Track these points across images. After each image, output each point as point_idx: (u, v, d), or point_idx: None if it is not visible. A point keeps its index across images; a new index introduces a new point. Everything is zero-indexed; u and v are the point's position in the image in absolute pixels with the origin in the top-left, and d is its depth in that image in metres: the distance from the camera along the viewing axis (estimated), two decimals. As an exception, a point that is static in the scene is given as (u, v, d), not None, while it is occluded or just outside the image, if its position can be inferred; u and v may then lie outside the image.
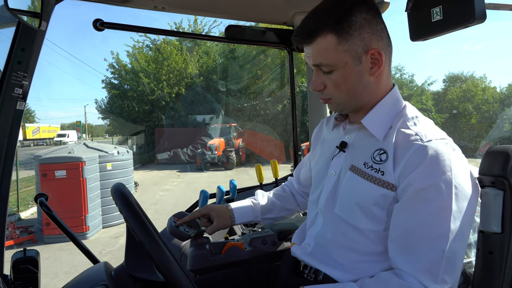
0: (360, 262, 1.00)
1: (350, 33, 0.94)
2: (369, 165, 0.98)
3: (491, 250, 0.94)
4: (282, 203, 1.44)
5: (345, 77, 0.97)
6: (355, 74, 0.97)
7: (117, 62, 22.28)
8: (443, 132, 0.97)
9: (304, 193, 1.45)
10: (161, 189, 11.88)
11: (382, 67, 0.98)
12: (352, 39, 0.94)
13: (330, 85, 1.00)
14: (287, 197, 1.46)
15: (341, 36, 0.94)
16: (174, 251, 1.65)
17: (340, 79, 0.98)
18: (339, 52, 0.95)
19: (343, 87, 0.99)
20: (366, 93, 1.01)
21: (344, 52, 0.95)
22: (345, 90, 0.99)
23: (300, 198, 1.46)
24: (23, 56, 1.23)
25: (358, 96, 1.01)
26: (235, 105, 21.59)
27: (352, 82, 0.98)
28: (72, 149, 6.86)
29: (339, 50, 0.95)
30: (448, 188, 0.86)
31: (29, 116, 53.02)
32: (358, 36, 0.95)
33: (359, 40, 0.95)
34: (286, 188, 1.50)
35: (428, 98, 25.33)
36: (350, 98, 1.01)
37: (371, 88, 1.01)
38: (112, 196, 0.95)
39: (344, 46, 0.95)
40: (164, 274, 0.77)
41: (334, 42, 0.94)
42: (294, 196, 1.47)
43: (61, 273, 4.88)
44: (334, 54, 0.95)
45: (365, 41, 0.95)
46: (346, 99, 1.01)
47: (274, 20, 2.03)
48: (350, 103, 1.03)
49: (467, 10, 1.12)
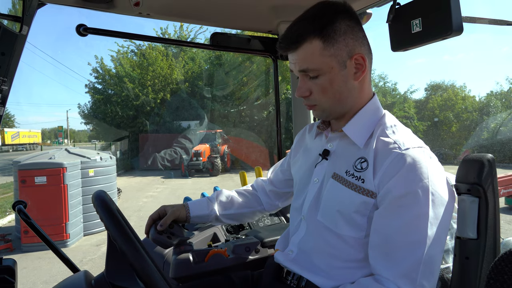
0: (341, 269, 1.01)
1: (335, 38, 0.97)
2: (351, 173, 1.00)
3: (467, 256, 0.96)
4: (243, 200, 1.43)
5: (331, 81, 1.00)
6: (340, 79, 1.00)
7: (101, 67, 21.99)
8: (421, 140, 1.00)
9: (274, 194, 1.44)
10: (144, 195, 11.71)
11: (365, 72, 1.02)
12: (337, 44, 0.98)
13: (316, 91, 1.02)
14: (249, 195, 1.46)
15: (326, 41, 0.97)
16: (156, 259, 1.63)
17: (326, 84, 1.00)
18: (325, 57, 0.98)
19: (329, 92, 1.01)
20: (350, 98, 1.04)
21: (330, 57, 0.98)
22: (331, 95, 1.01)
23: (266, 198, 1.45)
24: (3, 60, 1.20)
25: (343, 101, 1.03)
26: (221, 111, 21.55)
27: (338, 87, 1.01)
28: (53, 155, 6.71)
29: (324, 54, 0.98)
30: (425, 195, 0.88)
31: (9, 121, 51.65)
32: (343, 41, 0.98)
33: (344, 45, 0.98)
34: (250, 187, 1.50)
35: (410, 106, 25.85)
36: (336, 103, 1.03)
37: (354, 94, 1.04)
38: (93, 203, 0.94)
39: (329, 51, 0.98)
40: (144, 283, 0.77)
41: (320, 47, 0.97)
42: (258, 195, 1.46)
43: (39, 282, 4.74)
44: (320, 58, 0.98)
45: (349, 47, 0.99)
46: (331, 104, 1.03)
47: (259, 28, 2.04)
48: (335, 108, 1.05)
49: (445, 23, 1.16)
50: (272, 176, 1.46)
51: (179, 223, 1.32)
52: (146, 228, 1.27)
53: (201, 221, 1.37)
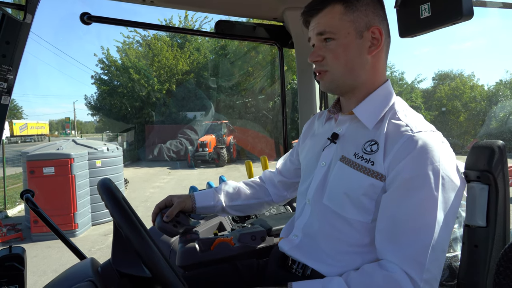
0: (346, 253, 1.00)
1: (357, 6, 1.01)
2: (360, 156, 0.99)
3: (476, 244, 0.95)
4: (250, 191, 1.42)
5: (345, 47, 1.01)
6: (355, 47, 1.01)
7: (107, 58, 22.00)
8: (432, 125, 0.99)
9: (283, 184, 1.43)
10: (151, 186, 11.80)
11: (380, 48, 1.02)
12: (358, 12, 1.01)
13: (329, 56, 1.03)
14: (256, 186, 1.45)
15: (348, 7, 1.00)
16: (163, 248, 1.64)
17: (340, 49, 1.01)
18: (344, 21, 1.00)
19: (342, 58, 1.02)
20: (362, 72, 1.03)
21: (348, 22, 1.00)
22: (343, 61, 1.02)
23: (274, 189, 1.44)
24: (7, 49, 1.20)
25: (354, 72, 1.03)
26: (226, 102, 21.51)
27: (351, 55, 1.02)
28: (61, 146, 6.77)
29: (344, 19, 1.00)
30: (436, 178, 0.87)
31: (17, 112, 52.18)
32: (364, 11, 1.01)
33: (364, 15, 1.01)
34: (258, 179, 1.50)
35: (417, 96, 25.58)
36: (347, 72, 1.03)
37: (367, 68, 1.03)
38: (98, 191, 0.94)
39: (349, 16, 1.00)
40: (150, 269, 0.77)
41: (340, 11, 1.01)
42: (266, 186, 1.46)
43: (49, 271, 4.82)
44: (338, 22, 1.01)
45: (368, 17, 1.02)
46: (342, 72, 1.03)
47: (264, 15, 2.02)
48: (345, 78, 1.04)
49: (455, 7, 1.13)
50: (280, 166, 1.45)
51: (185, 213, 1.33)
52: (153, 217, 1.28)
53: (207, 212, 1.37)
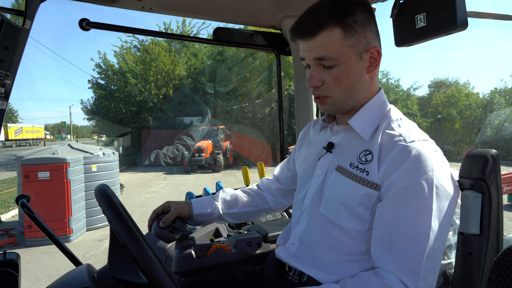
0: (343, 262, 1.01)
1: (355, 28, 0.97)
2: (355, 165, 1.00)
3: (470, 251, 0.96)
4: (248, 199, 1.42)
5: (346, 72, 0.99)
6: (356, 71, 1.00)
7: (104, 62, 21.99)
8: (426, 134, 1.00)
9: (280, 191, 1.43)
10: (147, 191, 11.74)
11: (378, 66, 1.02)
12: (357, 35, 0.97)
13: (330, 81, 1.00)
14: (254, 194, 1.45)
15: (347, 30, 0.96)
16: (159, 254, 1.64)
17: (342, 75, 0.99)
18: (345, 47, 0.97)
19: (344, 83, 1.00)
20: (361, 92, 1.03)
21: (349, 47, 0.97)
22: (345, 86, 1.00)
23: (271, 197, 1.44)
24: (6, 54, 1.21)
25: (354, 94, 1.03)
26: (223, 107, 21.53)
27: (353, 79, 1.00)
28: (56, 150, 6.73)
29: (344, 44, 0.96)
30: (429, 187, 0.88)
31: (12, 116, 51.84)
32: (362, 33, 0.98)
33: (363, 37, 0.98)
34: (255, 186, 1.50)
35: (413, 103, 25.73)
36: (348, 96, 1.02)
37: (365, 87, 1.04)
38: (95, 197, 0.94)
39: (349, 41, 0.97)
40: (147, 276, 0.77)
41: (340, 36, 0.96)
42: (263, 194, 1.46)
43: (42, 277, 4.77)
44: (339, 48, 0.96)
45: (367, 39, 0.99)
46: (343, 96, 1.02)
47: (262, 23, 2.03)
48: (346, 101, 1.04)
49: (449, 18, 1.15)
50: (278, 173, 1.45)
51: (182, 219, 1.33)
52: (149, 222, 1.27)
53: (204, 219, 1.37)
